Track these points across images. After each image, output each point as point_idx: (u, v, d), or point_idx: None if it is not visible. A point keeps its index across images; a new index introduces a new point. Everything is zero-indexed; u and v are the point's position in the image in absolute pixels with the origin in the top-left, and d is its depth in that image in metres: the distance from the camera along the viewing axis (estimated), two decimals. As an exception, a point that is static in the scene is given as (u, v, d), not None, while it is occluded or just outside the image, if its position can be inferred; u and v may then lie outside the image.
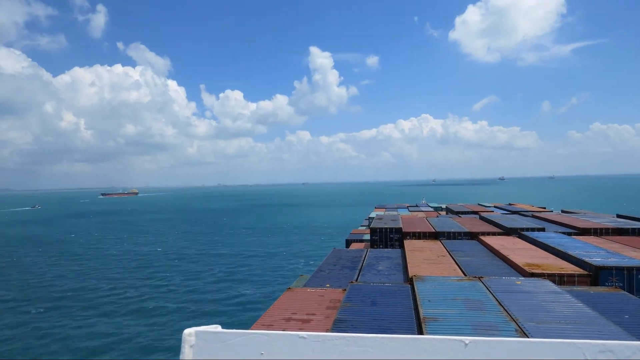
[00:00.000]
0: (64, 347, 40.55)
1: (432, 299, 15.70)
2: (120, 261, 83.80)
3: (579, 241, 28.43)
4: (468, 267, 23.90)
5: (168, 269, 75.63)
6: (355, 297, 16.94)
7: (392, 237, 35.91)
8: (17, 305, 54.92)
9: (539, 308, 14.68)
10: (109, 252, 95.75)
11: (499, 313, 14.23)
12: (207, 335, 3.63)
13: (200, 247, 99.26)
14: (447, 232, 35.50)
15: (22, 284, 65.86)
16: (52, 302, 55.70)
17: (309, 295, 18.83)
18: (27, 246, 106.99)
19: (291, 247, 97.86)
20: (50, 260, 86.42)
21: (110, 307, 53.12)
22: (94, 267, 77.95)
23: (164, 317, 49.16)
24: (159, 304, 54.12)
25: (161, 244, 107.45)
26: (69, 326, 46.28)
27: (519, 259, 23.88)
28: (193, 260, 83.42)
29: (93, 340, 42.03)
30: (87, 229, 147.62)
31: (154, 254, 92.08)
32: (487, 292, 16.53)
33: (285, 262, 79.77)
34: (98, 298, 57.35)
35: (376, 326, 13.99)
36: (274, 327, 14.87)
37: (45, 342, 42.00)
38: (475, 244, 31.72)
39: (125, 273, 72.58)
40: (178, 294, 58.64)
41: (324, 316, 16.02)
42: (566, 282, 20.54)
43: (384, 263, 26.64)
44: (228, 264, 78.89)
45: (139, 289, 61.39)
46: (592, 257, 22.50)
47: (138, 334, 43.59)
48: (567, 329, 12.77)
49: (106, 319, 48.62)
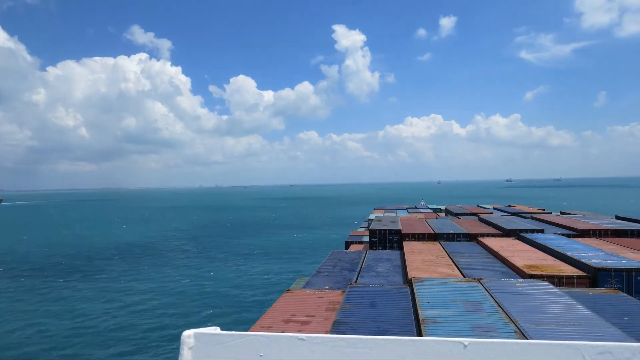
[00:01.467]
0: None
1: (431, 301, 15.70)
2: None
3: (578, 243, 28.47)
4: (467, 268, 23.91)
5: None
6: (354, 299, 16.93)
7: (391, 239, 35.90)
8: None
9: (538, 310, 14.69)
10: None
11: (498, 315, 14.24)
12: (206, 337, 3.62)
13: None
14: (446, 234, 35.51)
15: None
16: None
17: (308, 297, 18.80)
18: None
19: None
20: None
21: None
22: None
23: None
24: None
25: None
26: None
27: (518, 261, 23.90)
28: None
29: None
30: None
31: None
32: (486, 294, 16.54)
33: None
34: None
35: (375, 328, 13.98)
36: (273, 329, 14.84)
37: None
38: (475, 245, 31.74)
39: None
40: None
41: (323, 318, 16.00)
42: (565, 283, 20.56)
43: (383, 265, 26.63)
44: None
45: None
46: (591, 259, 22.53)
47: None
48: (566, 330, 12.78)
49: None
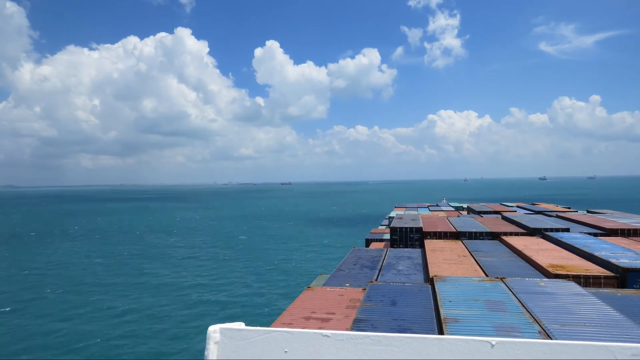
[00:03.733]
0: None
1: (453, 300, 15.56)
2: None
3: (605, 242, 27.68)
4: (490, 267, 23.56)
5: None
6: (375, 297, 16.92)
7: (412, 237, 35.65)
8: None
9: (563, 310, 14.38)
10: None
11: (521, 314, 14.01)
12: (232, 332, 3.70)
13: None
14: (468, 232, 35.03)
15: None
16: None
17: (329, 294, 18.88)
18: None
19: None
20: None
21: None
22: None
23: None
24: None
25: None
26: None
27: (543, 260, 23.41)
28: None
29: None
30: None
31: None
32: (509, 293, 16.29)
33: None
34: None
35: (396, 326, 13.96)
36: (294, 326, 14.97)
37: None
38: (497, 244, 31.22)
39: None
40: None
41: (343, 315, 16.05)
42: (592, 283, 20.04)
43: (404, 263, 26.49)
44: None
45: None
46: (620, 259, 21.90)
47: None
48: (593, 332, 12.48)
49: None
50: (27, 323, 49.99)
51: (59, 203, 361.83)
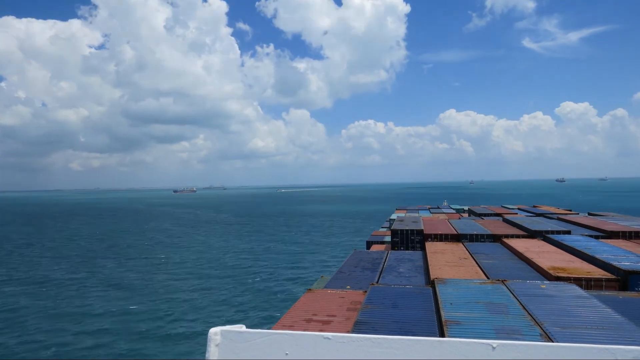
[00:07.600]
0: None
1: (454, 302, 15.52)
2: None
3: (606, 244, 27.64)
4: (491, 270, 23.53)
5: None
6: (376, 299, 16.89)
7: (413, 239, 35.57)
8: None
9: (565, 313, 14.35)
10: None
11: (523, 317, 13.98)
12: (233, 334, 3.70)
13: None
14: (469, 235, 34.97)
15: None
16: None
17: (330, 296, 18.86)
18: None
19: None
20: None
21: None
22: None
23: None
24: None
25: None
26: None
27: (544, 262, 23.37)
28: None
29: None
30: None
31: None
32: (510, 296, 16.25)
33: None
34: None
35: (397, 328, 13.93)
36: (295, 328, 14.94)
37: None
38: (499, 246, 31.18)
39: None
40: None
41: (344, 318, 16.03)
42: (593, 286, 20.00)
43: (405, 265, 26.46)
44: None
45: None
46: (621, 261, 21.86)
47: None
48: (595, 334, 12.44)
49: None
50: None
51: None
